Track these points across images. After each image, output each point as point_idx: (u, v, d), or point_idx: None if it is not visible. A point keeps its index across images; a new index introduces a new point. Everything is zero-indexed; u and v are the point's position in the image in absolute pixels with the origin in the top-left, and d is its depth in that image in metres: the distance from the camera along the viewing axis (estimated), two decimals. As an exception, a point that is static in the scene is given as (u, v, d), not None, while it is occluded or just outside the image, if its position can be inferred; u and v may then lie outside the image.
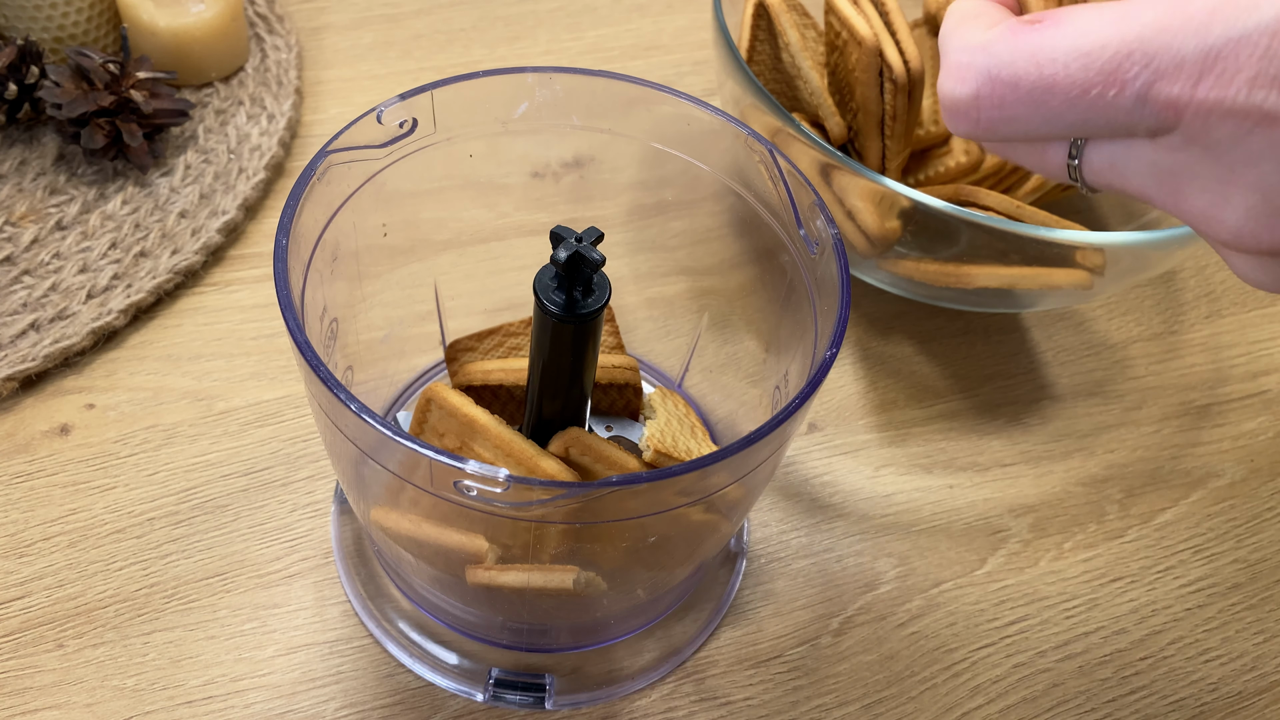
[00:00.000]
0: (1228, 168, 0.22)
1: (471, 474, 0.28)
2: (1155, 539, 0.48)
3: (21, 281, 0.50)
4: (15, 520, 0.43)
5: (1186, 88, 0.21)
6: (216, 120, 0.59)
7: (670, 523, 0.35)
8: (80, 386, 0.48)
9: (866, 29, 0.46)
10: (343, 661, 0.41)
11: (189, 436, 0.47)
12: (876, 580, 0.45)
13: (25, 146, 0.56)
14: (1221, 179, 0.22)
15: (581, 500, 0.30)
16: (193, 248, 0.52)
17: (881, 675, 0.43)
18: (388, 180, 0.38)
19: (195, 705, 0.39)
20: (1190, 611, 0.46)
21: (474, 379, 0.43)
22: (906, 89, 0.46)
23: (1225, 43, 0.20)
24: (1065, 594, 0.46)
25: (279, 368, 0.50)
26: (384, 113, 0.36)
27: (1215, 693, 0.44)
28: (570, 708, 0.41)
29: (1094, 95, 0.22)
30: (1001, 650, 0.44)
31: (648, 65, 0.67)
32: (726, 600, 0.44)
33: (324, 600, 0.43)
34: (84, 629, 0.41)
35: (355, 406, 0.29)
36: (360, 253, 0.40)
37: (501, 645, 0.42)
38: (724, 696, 0.42)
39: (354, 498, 0.39)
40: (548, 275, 0.34)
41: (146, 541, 0.43)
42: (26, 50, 0.55)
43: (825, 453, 0.50)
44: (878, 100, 0.47)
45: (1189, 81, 0.21)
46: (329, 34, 0.66)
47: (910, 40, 0.46)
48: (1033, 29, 0.23)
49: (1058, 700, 0.43)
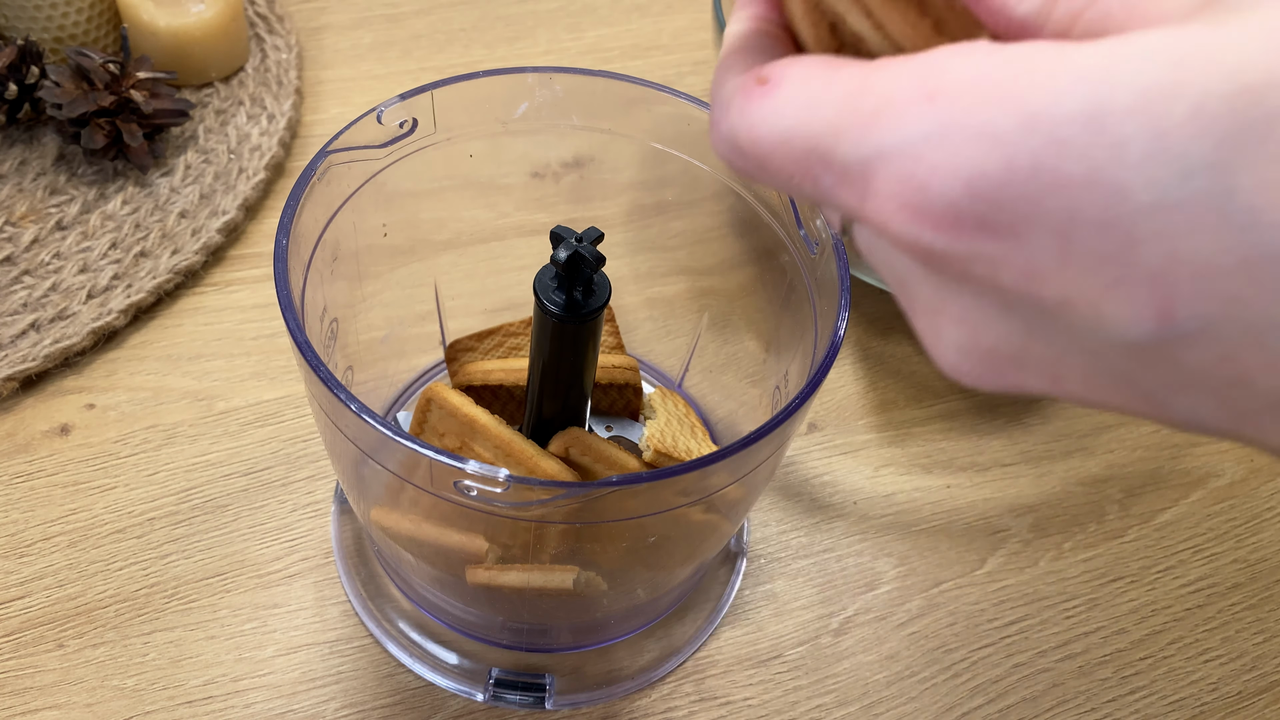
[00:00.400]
0: (934, 293, 0.19)
1: (471, 474, 0.28)
2: (1155, 539, 0.48)
3: (22, 281, 0.50)
4: (15, 520, 0.43)
5: (856, 202, 0.19)
6: (217, 120, 0.59)
7: (670, 523, 0.35)
8: (80, 386, 0.48)
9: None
10: (343, 661, 0.41)
11: (189, 436, 0.47)
12: (876, 580, 0.45)
13: (25, 146, 0.56)
14: (932, 308, 0.20)
15: (581, 500, 0.30)
16: (193, 248, 0.52)
17: (881, 675, 0.43)
18: (388, 180, 0.38)
19: (195, 705, 0.39)
20: (1190, 611, 0.46)
21: (474, 379, 0.43)
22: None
23: (875, 156, 0.18)
24: (1065, 594, 0.46)
25: (279, 368, 0.50)
26: (384, 113, 0.36)
27: (1215, 692, 0.44)
28: (570, 707, 0.41)
29: (797, 183, 0.20)
30: (1001, 650, 0.44)
31: (647, 65, 0.67)
32: (726, 600, 0.44)
33: (324, 600, 0.43)
34: (84, 629, 0.41)
35: (355, 406, 0.29)
36: (360, 253, 0.40)
37: (501, 645, 0.42)
38: (724, 696, 0.42)
39: (354, 498, 0.39)
40: (548, 275, 0.34)
41: (146, 541, 0.43)
42: (27, 50, 0.55)
43: (825, 453, 0.50)
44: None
45: (857, 196, 0.18)
46: (329, 34, 0.66)
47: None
48: (754, 96, 0.20)
49: (1058, 700, 0.43)
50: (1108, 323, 0.17)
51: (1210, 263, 0.15)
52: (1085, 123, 0.16)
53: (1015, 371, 0.19)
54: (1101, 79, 0.16)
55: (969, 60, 0.17)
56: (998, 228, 0.17)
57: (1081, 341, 0.17)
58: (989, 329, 0.19)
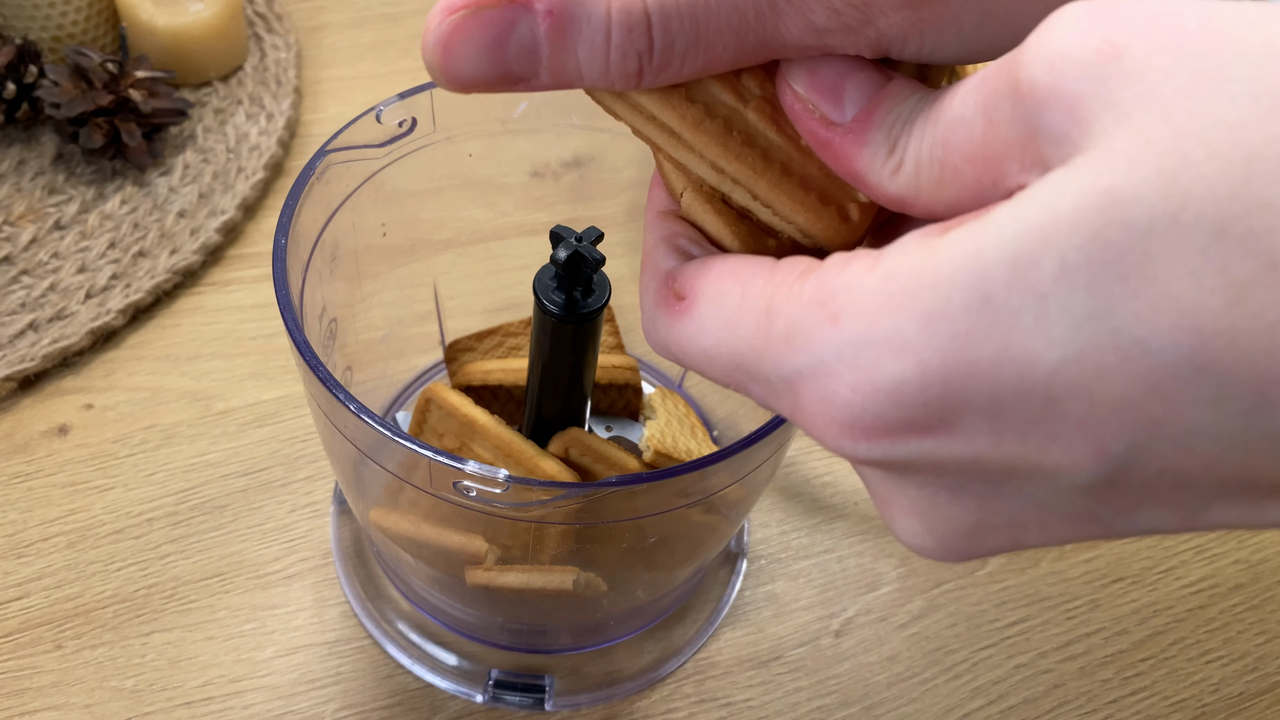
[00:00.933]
0: (882, 487, 0.20)
1: (471, 474, 0.28)
2: (1156, 539, 0.48)
3: (20, 281, 0.50)
4: (14, 521, 0.43)
5: (789, 413, 0.20)
6: (215, 120, 0.59)
7: (670, 523, 0.35)
8: (79, 387, 0.48)
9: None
10: (342, 663, 0.41)
11: (188, 437, 0.47)
12: (878, 581, 0.45)
13: (24, 146, 0.56)
14: (883, 499, 0.21)
15: (581, 501, 0.30)
16: (191, 247, 0.52)
17: (883, 676, 0.43)
18: (387, 180, 0.38)
19: (194, 706, 0.39)
20: (1192, 612, 0.46)
21: (473, 379, 0.43)
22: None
23: (796, 377, 0.19)
24: (1067, 595, 0.46)
25: (278, 368, 0.49)
26: (383, 112, 0.36)
27: (1217, 694, 0.43)
28: (570, 709, 0.41)
29: (733, 388, 0.21)
30: (1003, 651, 0.44)
31: (648, 64, 0.67)
32: (727, 601, 0.44)
33: (323, 601, 0.43)
34: (83, 629, 0.41)
35: (354, 407, 0.29)
36: (359, 252, 0.40)
37: (501, 646, 0.41)
38: (724, 698, 0.42)
39: (353, 498, 0.39)
40: (547, 275, 0.34)
41: (145, 542, 0.43)
42: (25, 49, 0.55)
43: (826, 453, 0.49)
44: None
45: (788, 409, 0.20)
46: (328, 33, 0.66)
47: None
48: (674, 314, 0.22)
49: (1059, 701, 0.43)
50: (1053, 475, 0.18)
51: (1123, 397, 0.16)
52: (976, 309, 0.17)
53: (975, 544, 0.20)
54: (975, 265, 0.17)
55: (858, 277, 0.18)
56: (928, 425, 0.18)
57: (1032, 498, 0.18)
58: (941, 515, 0.20)
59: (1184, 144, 0.15)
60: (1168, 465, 0.17)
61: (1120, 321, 0.16)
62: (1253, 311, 0.15)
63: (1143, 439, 0.17)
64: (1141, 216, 0.15)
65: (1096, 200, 0.16)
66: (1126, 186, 0.16)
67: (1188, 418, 0.16)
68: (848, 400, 0.18)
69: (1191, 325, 0.15)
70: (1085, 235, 0.16)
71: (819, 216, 0.22)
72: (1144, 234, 0.16)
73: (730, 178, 0.22)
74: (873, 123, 0.20)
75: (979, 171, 0.18)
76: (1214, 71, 0.16)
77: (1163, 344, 0.16)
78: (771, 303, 0.20)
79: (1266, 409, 0.16)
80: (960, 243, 0.17)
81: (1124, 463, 0.17)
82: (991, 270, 0.16)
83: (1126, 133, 0.16)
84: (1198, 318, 0.15)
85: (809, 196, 0.22)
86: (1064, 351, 0.16)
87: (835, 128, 0.21)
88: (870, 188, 0.21)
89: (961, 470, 0.18)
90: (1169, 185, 0.15)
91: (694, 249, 0.23)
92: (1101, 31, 0.17)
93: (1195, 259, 0.15)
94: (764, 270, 0.20)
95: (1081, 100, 0.16)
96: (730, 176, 0.22)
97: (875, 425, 0.18)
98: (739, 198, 0.22)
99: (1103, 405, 0.16)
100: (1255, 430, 0.16)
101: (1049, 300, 0.16)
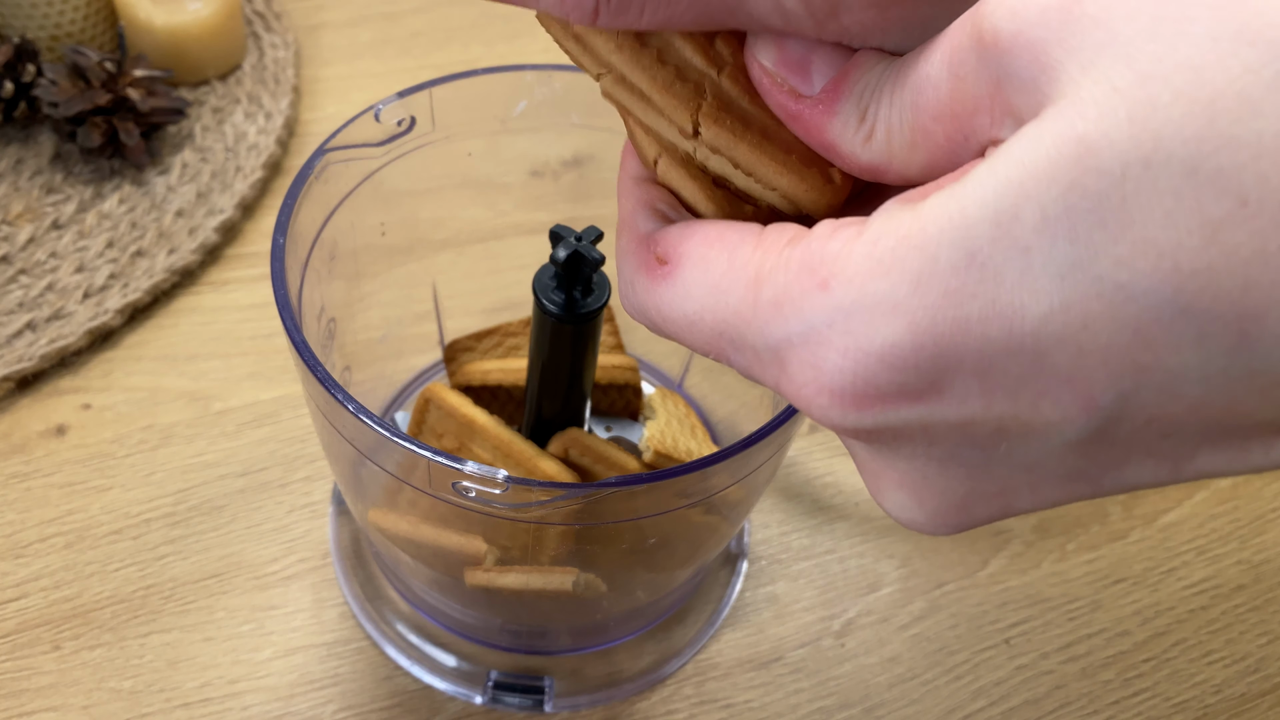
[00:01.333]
0: (870, 459, 0.20)
1: (470, 475, 0.28)
2: (1158, 540, 0.48)
3: (18, 281, 0.50)
4: (11, 521, 0.43)
5: (773, 382, 0.20)
6: (214, 119, 0.58)
7: (670, 524, 0.35)
8: (77, 387, 0.48)
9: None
10: (340, 664, 0.41)
11: (186, 437, 0.46)
12: (879, 582, 0.45)
13: (21, 145, 0.56)
14: (872, 472, 0.21)
15: (581, 502, 0.30)
16: (189, 247, 0.52)
17: (883, 677, 0.42)
18: (386, 179, 0.38)
19: (192, 707, 0.39)
20: (1194, 613, 0.46)
21: (473, 379, 0.42)
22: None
23: (785, 344, 0.19)
24: (1068, 595, 0.45)
25: (276, 368, 0.49)
26: (382, 111, 0.36)
27: (1219, 695, 0.43)
28: (569, 710, 0.40)
29: (713, 356, 0.21)
30: (1004, 652, 0.44)
31: (647, 63, 0.67)
32: (727, 602, 0.44)
33: (321, 602, 0.42)
34: (81, 630, 0.41)
35: (353, 407, 0.29)
36: (358, 252, 0.39)
37: (500, 647, 0.41)
38: (725, 699, 0.41)
39: (352, 499, 0.39)
40: (547, 275, 0.34)
41: (143, 543, 0.43)
42: (23, 48, 0.54)
43: (827, 453, 0.49)
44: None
45: (773, 377, 0.19)
46: (327, 31, 0.66)
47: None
48: (656, 278, 0.21)
49: (1060, 702, 0.42)
50: (1042, 433, 0.18)
51: (1109, 344, 0.16)
52: (964, 267, 0.17)
53: (965, 514, 0.20)
54: (959, 223, 0.17)
55: (847, 244, 0.18)
56: (920, 389, 0.18)
57: (1021, 461, 0.18)
58: (931, 487, 0.20)
59: (1149, 88, 0.16)
60: (1155, 413, 0.17)
61: (1103, 268, 0.16)
62: (1228, 249, 0.15)
63: (1130, 387, 0.17)
64: (1114, 162, 0.16)
65: (1071, 149, 0.16)
66: (1098, 133, 0.16)
67: (1173, 361, 0.16)
68: (838, 366, 0.18)
69: (1171, 267, 0.16)
70: (1063, 185, 0.16)
71: (803, 179, 0.22)
72: (1119, 179, 0.16)
73: (707, 144, 0.22)
74: (841, 93, 0.21)
75: (949, 129, 0.18)
76: (1173, 15, 0.16)
77: (1145, 287, 0.16)
78: (760, 270, 0.19)
79: (1247, 346, 0.16)
80: (944, 203, 0.17)
81: (1112, 414, 0.17)
82: (975, 228, 0.17)
83: (1092, 80, 0.16)
84: (1176, 258, 0.16)
85: (791, 158, 0.22)
86: (1050, 302, 0.16)
87: (804, 100, 0.21)
88: (843, 158, 0.21)
89: (952, 436, 0.18)
90: (1138, 130, 0.16)
91: (673, 214, 0.23)
92: None
93: (1169, 200, 0.15)
94: (751, 236, 0.20)
95: (1046, 47, 0.17)
96: (707, 143, 0.22)
97: (867, 391, 0.18)
98: (715, 165, 0.22)
99: (1090, 355, 0.17)
100: (1237, 368, 0.16)
101: (1032, 252, 0.16)
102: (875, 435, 0.19)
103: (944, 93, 0.18)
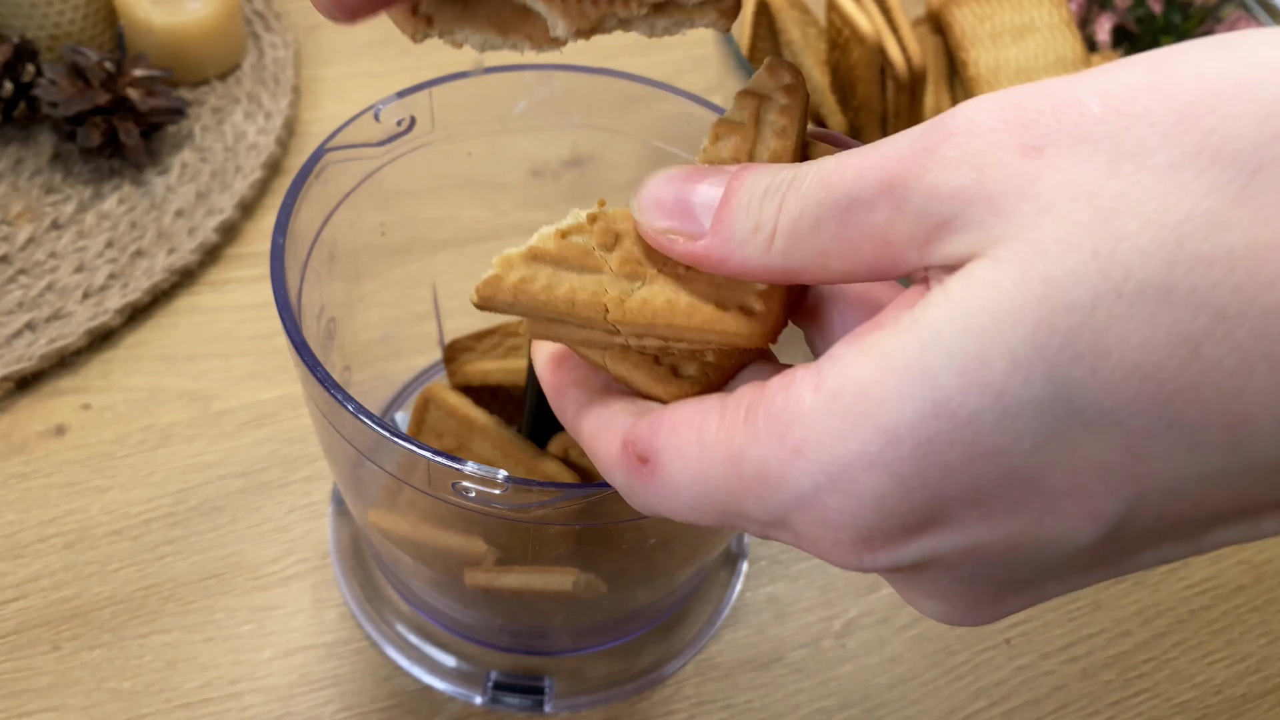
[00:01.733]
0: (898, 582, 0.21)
1: (470, 475, 0.28)
2: (1159, 540, 0.48)
3: (17, 281, 0.50)
4: (11, 521, 0.43)
5: (791, 542, 0.20)
6: (213, 118, 0.58)
7: (670, 525, 0.35)
8: (76, 387, 0.48)
9: (868, 26, 0.45)
10: (340, 664, 0.41)
11: (185, 437, 0.46)
12: (879, 581, 0.45)
13: (21, 145, 0.55)
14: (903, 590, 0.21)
15: (581, 502, 0.30)
16: (189, 247, 0.52)
17: (884, 678, 0.42)
18: (386, 179, 0.37)
19: (192, 708, 0.39)
20: (1194, 613, 0.46)
21: (473, 379, 0.42)
22: (909, 86, 0.46)
23: (784, 512, 0.19)
24: (1068, 596, 0.45)
25: (276, 368, 0.49)
26: (382, 111, 0.36)
27: (1219, 695, 0.43)
28: (569, 710, 0.40)
29: (729, 525, 0.21)
30: (1004, 652, 0.44)
31: (648, 63, 0.67)
32: (727, 603, 0.44)
33: (321, 602, 0.42)
34: (80, 631, 0.41)
35: (353, 407, 0.29)
36: (358, 252, 0.39)
37: (500, 648, 0.41)
38: (725, 699, 0.41)
39: (351, 499, 0.39)
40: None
41: (143, 543, 0.43)
42: (23, 48, 0.54)
43: (826, 453, 0.49)
44: (879, 98, 0.47)
45: (789, 539, 0.20)
46: (326, 31, 0.66)
47: (912, 38, 0.46)
48: (644, 478, 0.22)
49: (1061, 703, 0.42)
50: (1054, 542, 0.18)
51: (1102, 464, 0.17)
52: (932, 416, 0.17)
53: (999, 608, 0.20)
54: (920, 376, 0.17)
55: (805, 403, 0.18)
56: (921, 525, 0.18)
57: (1040, 565, 0.19)
58: (960, 596, 0.20)
59: (1115, 221, 0.16)
60: (1162, 511, 0.17)
61: (1085, 400, 0.16)
62: (1211, 363, 0.16)
63: (1132, 494, 0.17)
64: (1083, 297, 0.16)
65: (1035, 290, 0.16)
66: (1063, 271, 0.16)
67: (1169, 469, 0.17)
68: (838, 523, 0.19)
69: (1154, 388, 0.16)
70: (1029, 327, 0.16)
71: (727, 324, 0.22)
72: (1089, 313, 0.16)
73: (631, 335, 0.23)
74: (729, 215, 0.21)
75: (878, 251, 0.19)
76: (1129, 151, 0.16)
77: (1130, 411, 0.16)
78: (731, 447, 0.20)
79: (1241, 447, 0.16)
80: (899, 352, 0.17)
81: (1120, 519, 0.17)
82: (939, 377, 0.17)
83: (1052, 220, 0.16)
84: (1159, 379, 0.16)
85: (708, 308, 0.22)
86: (1034, 439, 0.17)
87: (700, 238, 0.21)
88: (755, 272, 0.21)
89: (967, 559, 0.19)
90: (1106, 263, 0.16)
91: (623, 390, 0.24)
92: (1017, 131, 0.17)
93: (1146, 326, 0.16)
94: (713, 414, 0.21)
95: (1004, 196, 0.17)
96: (630, 334, 0.23)
97: (873, 536, 0.19)
98: (651, 344, 0.23)
99: (1085, 475, 0.17)
100: (1235, 467, 0.16)
101: (1006, 396, 0.16)
102: (896, 570, 0.20)
103: (878, 218, 0.18)
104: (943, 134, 0.18)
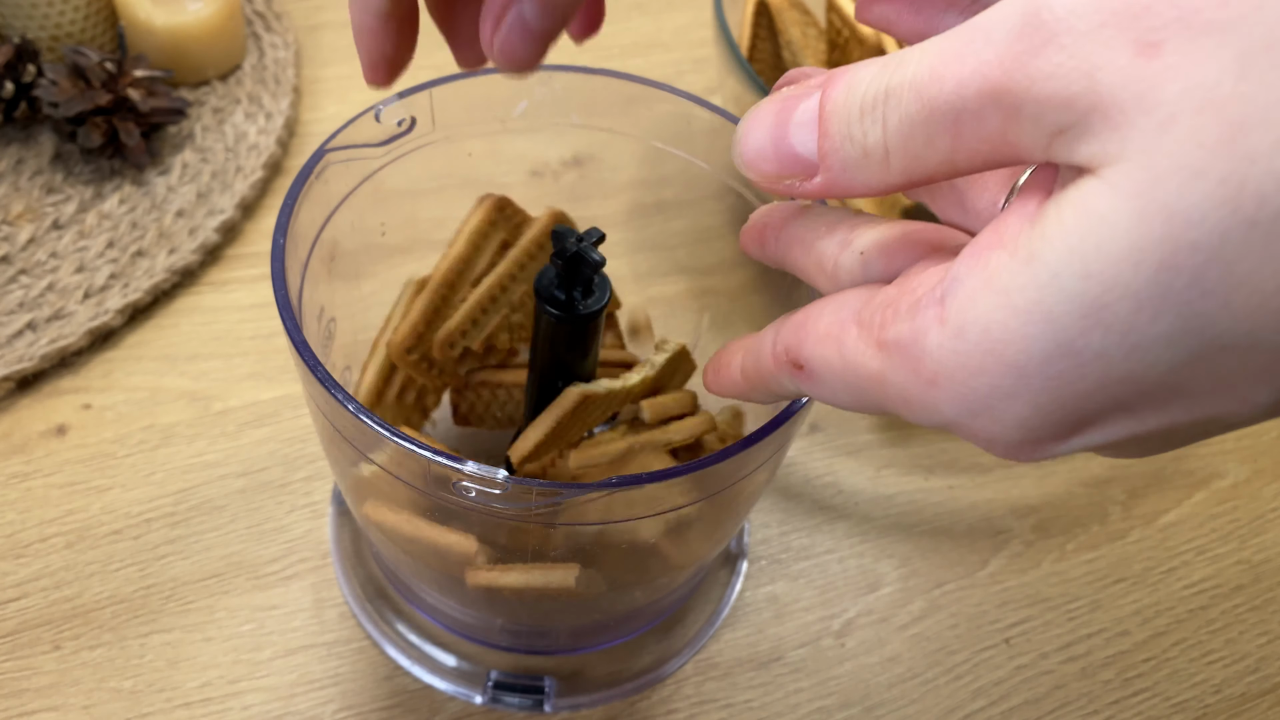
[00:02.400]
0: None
1: (470, 475, 0.28)
2: (1158, 540, 0.48)
3: (18, 281, 0.50)
4: (12, 521, 0.43)
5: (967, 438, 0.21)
6: (214, 119, 0.58)
7: (670, 522, 0.35)
8: (77, 387, 0.48)
9: (869, 27, 0.45)
10: (340, 664, 0.41)
11: (186, 437, 0.46)
12: (878, 581, 0.45)
13: (22, 145, 0.56)
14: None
15: (581, 502, 0.30)
16: (190, 247, 0.52)
17: (883, 677, 0.42)
18: (386, 179, 0.38)
19: (193, 707, 0.39)
20: (1193, 613, 0.46)
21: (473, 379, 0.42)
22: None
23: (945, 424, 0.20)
24: (1068, 595, 0.46)
25: (277, 368, 0.49)
26: (382, 111, 0.36)
27: (1219, 695, 0.43)
28: (569, 710, 0.40)
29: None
30: (1004, 652, 0.44)
31: (648, 63, 0.67)
32: (727, 602, 0.44)
33: (322, 602, 0.42)
34: (81, 630, 0.41)
35: (353, 407, 0.29)
36: (358, 252, 0.39)
37: (500, 647, 0.41)
38: (724, 699, 0.41)
39: (351, 498, 0.39)
40: (548, 275, 0.34)
41: (143, 543, 0.43)
42: (23, 49, 0.54)
43: (826, 453, 0.49)
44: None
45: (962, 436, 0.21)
46: (327, 31, 0.66)
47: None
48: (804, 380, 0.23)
49: (1060, 702, 0.42)
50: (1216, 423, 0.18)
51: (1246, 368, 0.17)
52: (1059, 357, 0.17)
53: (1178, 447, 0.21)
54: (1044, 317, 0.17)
55: (930, 340, 0.19)
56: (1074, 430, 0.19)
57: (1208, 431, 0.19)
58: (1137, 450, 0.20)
59: (1245, 140, 0.14)
60: None
61: (1219, 329, 0.16)
62: None
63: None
64: (1210, 234, 0.15)
65: (1157, 230, 0.15)
66: (1188, 205, 0.15)
67: None
68: (990, 438, 0.19)
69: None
70: (1152, 268, 0.16)
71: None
72: (1218, 249, 0.15)
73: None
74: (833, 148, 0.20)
75: (1000, 149, 0.18)
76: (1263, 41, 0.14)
77: (1273, 329, 0.16)
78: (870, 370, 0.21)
79: None
80: (1019, 292, 0.17)
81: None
82: (1061, 320, 0.17)
83: (1174, 140, 0.15)
84: None
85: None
86: (1169, 364, 0.17)
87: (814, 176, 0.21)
88: (882, 190, 0.20)
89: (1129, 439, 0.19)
90: (1235, 191, 0.15)
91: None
92: (1128, 24, 0.15)
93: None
94: (850, 328, 0.21)
95: (1119, 108, 0.15)
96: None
97: (1033, 443, 0.19)
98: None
99: (1232, 377, 0.17)
100: None
101: (1133, 333, 0.16)
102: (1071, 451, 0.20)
103: (991, 126, 0.18)
104: (1044, 34, 0.16)
